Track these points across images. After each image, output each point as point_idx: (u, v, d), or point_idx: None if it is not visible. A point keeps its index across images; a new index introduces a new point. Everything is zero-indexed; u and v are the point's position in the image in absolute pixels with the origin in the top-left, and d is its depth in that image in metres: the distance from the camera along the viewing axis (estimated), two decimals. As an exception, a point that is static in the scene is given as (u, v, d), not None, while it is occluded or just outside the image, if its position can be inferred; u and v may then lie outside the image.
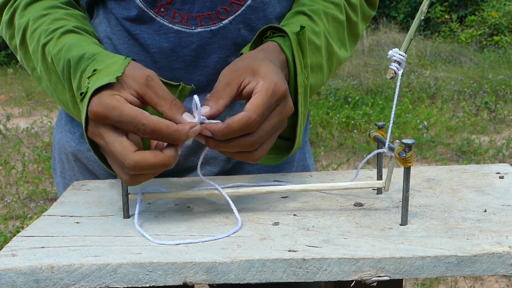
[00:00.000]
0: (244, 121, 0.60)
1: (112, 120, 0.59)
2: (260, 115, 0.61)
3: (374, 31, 8.80)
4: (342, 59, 0.86)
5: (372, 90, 6.10)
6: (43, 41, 0.74)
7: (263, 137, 0.63)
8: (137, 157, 0.59)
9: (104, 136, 0.61)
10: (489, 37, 8.76)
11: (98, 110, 0.60)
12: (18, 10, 0.80)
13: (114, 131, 0.60)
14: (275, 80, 0.64)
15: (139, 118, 0.59)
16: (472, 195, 0.71)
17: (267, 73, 0.64)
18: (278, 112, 0.64)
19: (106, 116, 0.59)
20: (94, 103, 0.60)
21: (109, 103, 0.59)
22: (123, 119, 0.59)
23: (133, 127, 0.59)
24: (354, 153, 4.26)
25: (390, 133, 0.64)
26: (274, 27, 0.75)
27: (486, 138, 4.58)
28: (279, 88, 0.63)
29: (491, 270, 0.55)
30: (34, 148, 4.49)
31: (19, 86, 7.42)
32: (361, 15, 0.89)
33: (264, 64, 0.65)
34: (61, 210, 0.71)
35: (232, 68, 0.66)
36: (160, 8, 0.77)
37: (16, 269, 0.55)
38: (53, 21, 0.76)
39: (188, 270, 0.55)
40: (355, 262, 0.54)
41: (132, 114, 0.59)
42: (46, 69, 0.76)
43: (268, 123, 0.63)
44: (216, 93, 0.64)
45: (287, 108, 0.65)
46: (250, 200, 0.73)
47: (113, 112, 0.59)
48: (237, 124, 0.60)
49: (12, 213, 3.32)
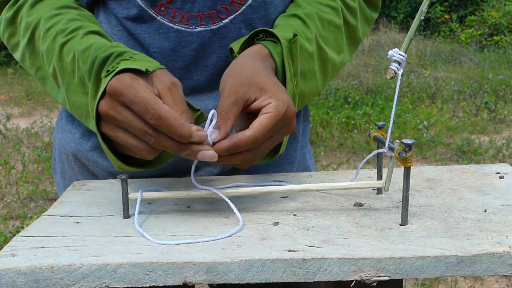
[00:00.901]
0: (251, 140, 0.62)
1: (126, 99, 0.61)
2: (265, 136, 0.63)
3: (374, 31, 8.80)
4: (339, 64, 0.85)
5: (372, 90, 6.10)
6: (61, 41, 0.74)
7: (263, 153, 0.65)
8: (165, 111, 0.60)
9: (119, 111, 0.62)
10: (489, 37, 8.76)
11: (116, 85, 0.62)
12: (24, 8, 0.79)
13: (129, 110, 0.62)
14: (287, 102, 0.64)
15: (152, 102, 0.60)
16: (472, 195, 0.71)
17: (277, 92, 0.65)
18: (282, 132, 0.66)
19: (121, 93, 0.61)
20: (116, 79, 0.62)
21: (128, 82, 0.62)
22: (136, 99, 0.60)
23: (144, 109, 0.60)
24: (354, 153, 4.26)
25: (390, 133, 0.64)
26: (268, 31, 0.75)
27: (486, 138, 4.58)
28: (290, 112, 0.64)
29: (491, 270, 0.55)
30: (34, 148, 4.49)
31: (19, 86, 7.42)
32: (361, 18, 0.89)
33: (270, 81, 0.66)
34: (61, 210, 0.71)
35: (238, 83, 0.65)
36: (161, 7, 0.77)
37: (16, 269, 0.55)
38: (69, 21, 0.76)
39: (188, 270, 0.55)
40: (355, 262, 0.54)
41: (146, 96, 0.61)
42: (60, 68, 0.75)
43: (271, 141, 0.65)
44: (223, 113, 0.64)
45: (291, 128, 0.67)
46: (250, 200, 0.73)
47: (129, 91, 0.61)
48: (244, 143, 0.62)
49: (12, 213, 3.32)
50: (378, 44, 8.12)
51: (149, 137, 0.61)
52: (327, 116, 5.03)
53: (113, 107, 0.62)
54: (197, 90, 0.81)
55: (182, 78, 0.80)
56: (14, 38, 0.82)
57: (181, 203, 0.73)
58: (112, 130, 0.64)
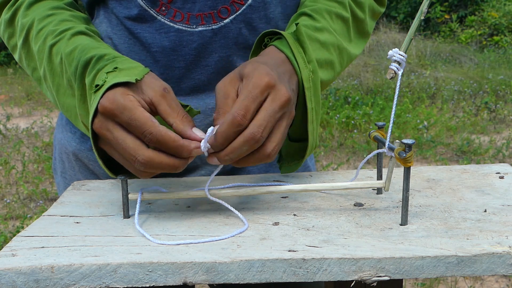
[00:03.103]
0: (229, 120, 0.60)
1: (120, 120, 0.60)
2: (243, 109, 0.60)
3: (374, 31, 8.80)
4: (353, 55, 0.86)
5: (372, 90, 6.10)
6: (51, 42, 0.74)
7: (262, 126, 0.61)
8: (151, 153, 0.60)
9: (113, 132, 0.61)
10: (489, 37, 8.76)
11: (109, 106, 0.60)
12: (21, 9, 0.79)
13: (123, 129, 0.61)
14: (259, 73, 0.63)
15: (148, 126, 0.60)
16: (472, 195, 0.71)
17: (252, 70, 0.64)
18: (270, 101, 0.62)
19: (115, 115, 0.60)
20: (107, 98, 0.61)
21: (121, 102, 0.60)
22: (132, 122, 0.60)
23: (141, 133, 0.60)
24: (354, 153, 4.26)
25: (390, 133, 0.64)
26: (269, 33, 0.75)
27: (486, 138, 4.58)
28: (262, 79, 0.62)
29: (491, 270, 0.55)
30: (34, 148, 4.49)
31: (19, 86, 7.42)
32: (369, 12, 0.90)
33: (250, 65, 0.66)
34: (61, 210, 0.71)
35: (226, 80, 0.66)
36: (161, 7, 0.78)
37: (16, 269, 0.55)
38: (60, 22, 0.76)
39: (188, 270, 0.55)
40: (355, 262, 0.54)
41: (142, 120, 0.60)
42: (50, 69, 0.75)
43: (262, 112, 0.62)
44: (220, 109, 0.64)
45: (279, 95, 0.63)
46: (250, 200, 0.73)
47: (123, 113, 0.60)
48: (223, 126, 0.60)
49: (12, 213, 3.32)
50: (378, 44, 8.12)
51: (139, 165, 0.60)
52: (327, 116, 5.03)
53: (105, 126, 0.62)
54: (197, 89, 0.81)
55: (183, 77, 0.80)
56: (13, 39, 0.82)
57: (181, 203, 0.73)
58: (107, 147, 0.64)
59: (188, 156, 0.62)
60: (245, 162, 0.64)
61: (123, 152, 0.61)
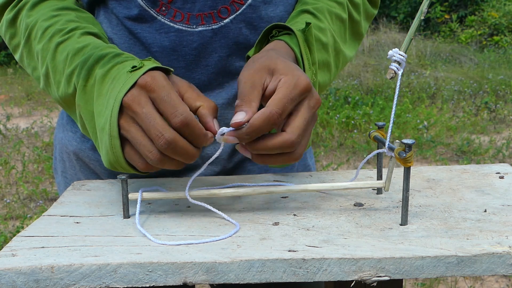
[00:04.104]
0: (265, 116, 0.60)
1: (157, 96, 0.61)
2: (281, 108, 0.61)
3: (374, 31, 8.80)
4: (348, 58, 0.86)
5: (372, 90, 6.10)
6: (58, 40, 0.74)
7: (300, 135, 0.62)
8: (177, 135, 0.60)
9: (144, 106, 0.61)
10: (489, 37, 8.76)
11: (151, 81, 0.62)
12: (24, 9, 0.79)
13: (154, 107, 0.62)
14: (296, 74, 0.63)
15: (182, 106, 0.61)
16: (472, 195, 0.71)
17: (287, 69, 0.64)
18: (307, 106, 0.64)
19: (154, 90, 0.61)
20: (149, 75, 0.63)
21: (162, 81, 0.62)
22: (167, 99, 0.61)
23: (172, 112, 0.60)
24: (354, 153, 4.26)
25: (390, 133, 0.64)
26: (279, 26, 0.75)
27: (486, 138, 4.58)
28: (301, 82, 0.63)
29: (491, 270, 0.55)
30: (34, 148, 4.49)
31: (19, 86, 7.42)
32: (363, 14, 0.90)
33: (281, 62, 0.65)
34: (61, 210, 0.71)
35: (252, 70, 0.65)
36: (161, 7, 0.78)
37: (16, 269, 0.55)
38: (67, 22, 0.76)
39: (188, 270, 0.55)
40: (355, 262, 0.54)
41: (177, 100, 0.61)
42: (53, 66, 0.75)
43: (301, 119, 0.63)
44: (245, 97, 0.63)
45: (314, 100, 0.64)
46: (250, 200, 0.73)
47: (162, 90, 0.61)
48: (258, 120, 0.60)
49: (12, 213, 3.32)
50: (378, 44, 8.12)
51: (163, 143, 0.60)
52: (327, 116, 5.03)
53: (138, 100, 0.62)
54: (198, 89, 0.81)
55: (183, 77, 0.80)
56: (14, 39, 0.81)
57: (181, 203, 0.73)
58: (127, 123, 0.63)
59: (205, 145, 0.63)
60: (271, 161, 0.64)
61: (150, 128, 0.60)
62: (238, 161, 0.88)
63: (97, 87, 0.67)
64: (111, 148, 0.64)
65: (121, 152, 0.64)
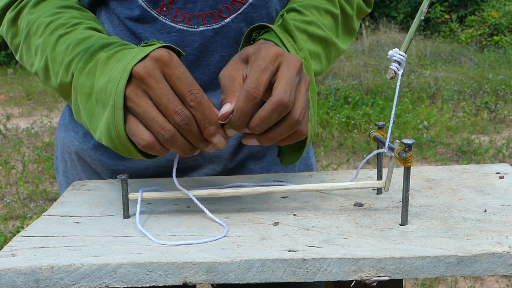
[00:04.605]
0: (243, 95, 0.60)
1: (173, 72, 0.60)
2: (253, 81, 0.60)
3: (374, 31, 8.80)
4: (341, 50, 0.86)
5: (372, 90, 6.10)
6: (60, 32, 0.73)
7: (286, 91, 0.60)
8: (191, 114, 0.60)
9: (159, 81, 0.60)
10: (489, 37, 8.76)
11: (167, 55, 0.60)
12: (26, 8, 0.79)
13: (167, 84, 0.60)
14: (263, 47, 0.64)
15: (196, 86, 0.60)
16: (472, 195, 0.71)
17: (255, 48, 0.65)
18: (286, 67, 0.63)
19: (169, 65, 0.60)
20: (165, 50, 0.61)
21: (177, 59, 0.61)
22: (183, 77, 0.60)
23: (187, 90, 0.59)
24: (354, 153, 4.26)
25: (390, 133, 0.64)
26: (256, 27, 0.75)
27: (486, 138, 4.58)
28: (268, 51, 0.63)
29: (491, 270, 0.55)
30: (34, 148, 4.49)
31: (19, 86, 7.42)
32: (357, 9, 0.90)
33: (250, 47, 0.66)
34: (61, 210, 0.71)
35: (228, 66, 0.67)
36: (163, 7, 0.78)
37: (16, 269, 0.55)
38: (70, 18, 0.76)
39: (188, 270, 0.55)
40: (355, 262, 0.54)
41: (193, 80, 0.60)
42: (52, 57, 0.74)
43: (282, 79, 0.62)
44: (227, 90, 0.63)
45: (292, 61, 0.63)
46: (250, 200, 0.73)
47: (179, 67, 0.60)
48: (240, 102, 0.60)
49: (12, 213, 3.32)
50: (378, 44, 8.12)
51: (179, 119, 0.59)
52: (327, 116, 5.03)
53: (153, 74, 0.60)
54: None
55: None
56: (16, 38, 0.81)
57: (181, 203, 0.73)
58: (137, 96, 0.60)
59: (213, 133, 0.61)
60: (277, 133, 0.63)
61: (168, 104, 0.59)
62: (240, 160, 0.88)
63: (100, 67, 0.65)
64: (114, 122, 0.61)
65: (123, 126, 0.61)
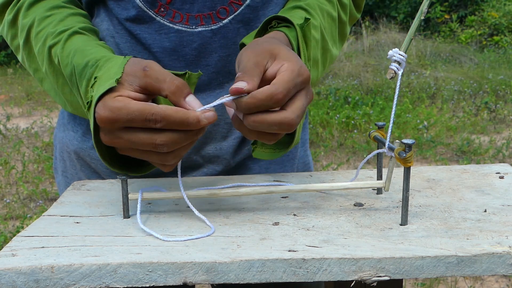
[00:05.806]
0: (270, 91, 0.59)
1: (122, 121, 0.59)
2: (286, 89, 0.60)
3: (374, 31, 8.80)
4: (334, 57, 0.86)
5: (372, 90, 6.10)
6: (50, 43, 0.74)
7: (299, 116, 0.61)
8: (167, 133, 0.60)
9: (122, 137, 0.60)
10: (489, 37, 8.75)
11: (105, 114, 0.60)
12: (21, 10, 0.79)
13: (130, 129, 0.60)
14: (300, 63, 0.63)
15: (147, 110, 0.59)
16: (472, 195, 0.71)
17: (290, 56, 0.64)
18: (305, 95, 0.63)
19: (114, 119, 0.59)
20: (100, 110, 0.60)
21: (114, 105, 0.60)
22: (132, 116, 0.59)
23: (144, 120, 0.59)
24: (354, 153, 4.25)
25: (390, 133, 0.64)
26: (278, 17, 0.75)
27: (486, 138, 4.58)
28: (304, 71, 0.63)
29: (491, 270, 0.55)
30: (34, 148, 4.49)
31: (19, 86, 7.41)
32: (349, 15, 0.90)
33: (284, 48, 0.65)
34: (61, 210, 0.71)
35: (255, 51, 0.65)
36: (160, 8, 0.78)
37: (16, 269, 0.55)
38: (59, 22, 0.76)
39: (188, 270, 0.55)
40: (355, 262, 0.54)
41: (140, 108, 0.59)
42: (53, 70, 0.76)
43: (300, 101, 0.62)
44: (248, 71, 0.62)
45: (310, 93, 0.65)
46: (250, 200, 0.73)
47: (120, 113, 0.59)
48: (262, 94, 0.59)
49: (12, 213, 3.32)
50: (378, 44, 8.12)
51: (161, 147, 0.60)
52: (327, 116, 5.02)
53: (113, 136, 0.61)
54: (198, 89, 0.81)
55: None
56: (16, 40, 0.82)
57: (181, 203, 0.73)
58: (126, 152, 0.63)
59: (197, 122, 0.60)
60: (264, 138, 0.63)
61: (142, 146, 0.60)
62: (240, 160, 0.88)
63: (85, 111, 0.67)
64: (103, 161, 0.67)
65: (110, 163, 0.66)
